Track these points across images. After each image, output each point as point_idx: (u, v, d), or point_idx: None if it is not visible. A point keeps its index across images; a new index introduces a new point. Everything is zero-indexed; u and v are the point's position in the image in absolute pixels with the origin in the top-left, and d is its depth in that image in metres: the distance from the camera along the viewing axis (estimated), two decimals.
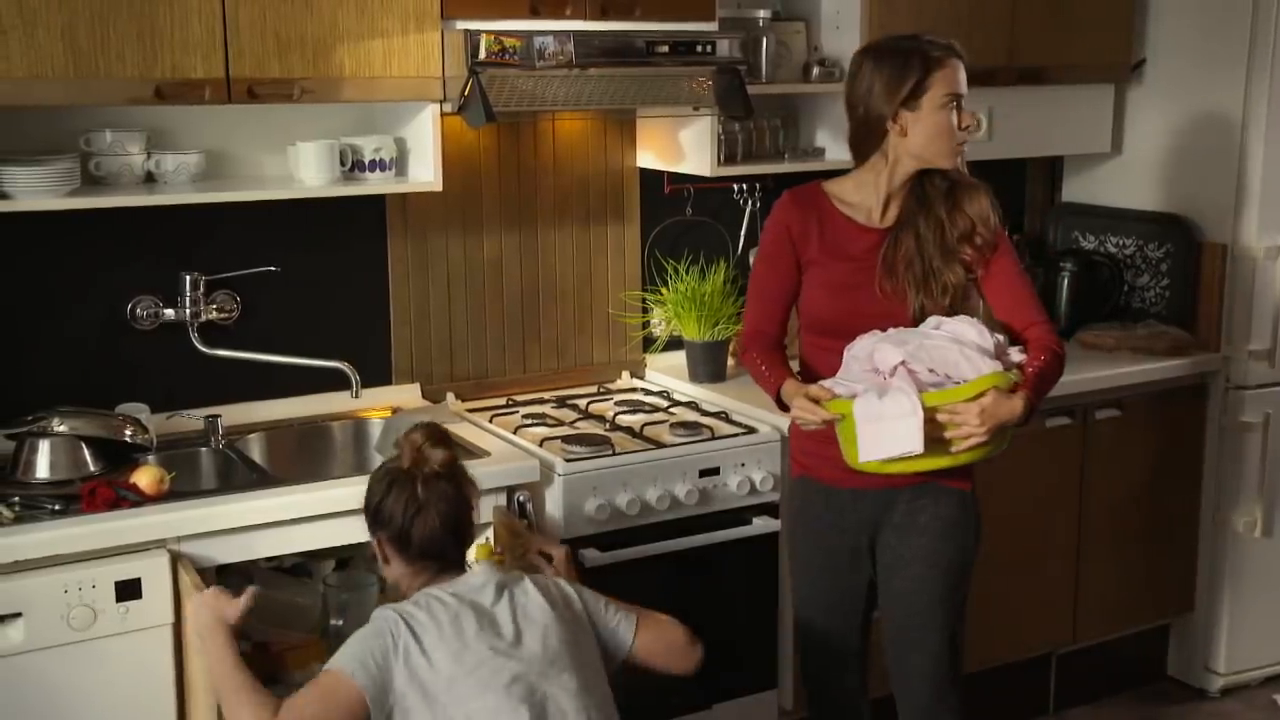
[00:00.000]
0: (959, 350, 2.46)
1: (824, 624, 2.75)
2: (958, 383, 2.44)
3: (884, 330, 2.53)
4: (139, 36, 2.57)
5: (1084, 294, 3.96)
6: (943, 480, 2.60)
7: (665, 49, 3.04)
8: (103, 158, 2.80)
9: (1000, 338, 2.54)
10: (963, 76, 2.56)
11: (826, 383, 2.52)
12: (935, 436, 2.42)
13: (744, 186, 3.68)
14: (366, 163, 3.01)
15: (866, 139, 2.61)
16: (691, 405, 3.32)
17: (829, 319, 2.63)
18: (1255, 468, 3.79)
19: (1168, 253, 3.88)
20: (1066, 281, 3.95)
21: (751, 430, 3.11)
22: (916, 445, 2.39)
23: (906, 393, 2.39)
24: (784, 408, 2.63)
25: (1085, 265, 3.98)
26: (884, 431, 2.40)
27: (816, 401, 2.48)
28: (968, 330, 2.50)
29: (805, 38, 3.53)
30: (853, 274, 2.61)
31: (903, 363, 2.44)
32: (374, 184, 3.03)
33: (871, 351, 2.49)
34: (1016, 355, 2.54)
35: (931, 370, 2.45)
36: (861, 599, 2.73)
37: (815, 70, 3.45)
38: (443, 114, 2.95)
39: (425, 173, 2.99)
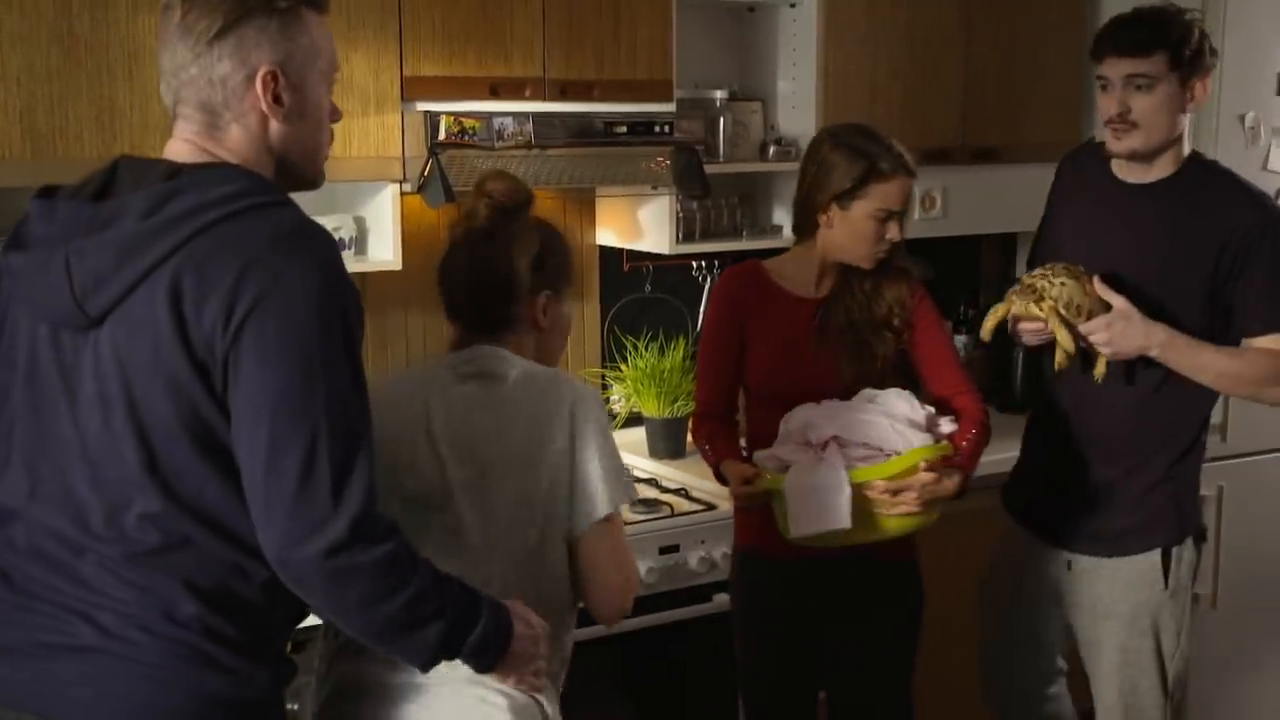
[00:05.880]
0: (889, 423, 2.48)
1: (770, 701, 2.74)
2: (888, 455, 2.46)
3: (819, 401, 2.55)
4: (98, 119, 2.57)
5: (1039, 368, 3.99)
6: (884, 554, 2.61)
7: (624, 129, 3.08)
8: None
9: (930, 409, 2.57)
10: (906, 193, 2.57)
11: (760, 454, 2.55)
12: (865, 511, 2.43)
13: (702, 264, 3.71)
14: None
15: (802, 217, 2.65)
16: (651, 482, 3.32)
17: (769, 388, 2.65)
18: (1210, 540, 3.82)
19: None
20: (1021, 356, 3.99)
21: (711, 507, 3.10)
22: (844, 521, 2.39)
23: (836, 467, 2.40)
24: (725, 483, 2.64)
25: None
26: (813, 506, 2.41)
27: (749, 480, 2.50)
28: (899, 403, 2.52)
29: (762, 117, 3.59)
30: (789, 344, 2.64)
31: (834, 437, 2.46)
32: None
33: (805, 424, 2.51)
34: (947, 426, 2.57)
35: (864, 443, 2.47)
36: (811, 676, 2.74)
37: (772, 149, 3.50)
38: (402, 194, 2.96)
39: (385, 252, 3.00)
